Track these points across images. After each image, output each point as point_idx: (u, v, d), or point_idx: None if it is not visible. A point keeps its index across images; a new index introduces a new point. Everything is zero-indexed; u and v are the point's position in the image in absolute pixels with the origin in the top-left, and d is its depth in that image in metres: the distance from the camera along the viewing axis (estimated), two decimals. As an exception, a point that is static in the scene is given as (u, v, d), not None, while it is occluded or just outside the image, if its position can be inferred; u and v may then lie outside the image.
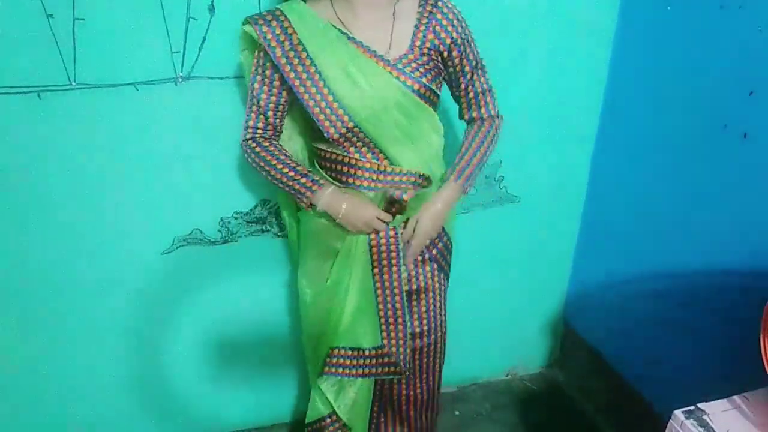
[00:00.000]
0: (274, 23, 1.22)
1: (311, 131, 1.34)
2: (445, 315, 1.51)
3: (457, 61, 1.31)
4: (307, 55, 1.21)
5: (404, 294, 1.38)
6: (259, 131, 1.32)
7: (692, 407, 1.08)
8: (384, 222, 1.32)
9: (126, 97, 1.42)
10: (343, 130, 1.24)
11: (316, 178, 1.30)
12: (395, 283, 1.37)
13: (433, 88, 1.28)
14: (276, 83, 1.27)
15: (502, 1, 1.58)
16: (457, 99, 1.39)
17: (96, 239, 1.56)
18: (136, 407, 1.83)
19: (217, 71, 1.45)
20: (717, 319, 1.49)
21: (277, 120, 1.32)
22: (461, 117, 1.42)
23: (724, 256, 1.46)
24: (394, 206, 1.32)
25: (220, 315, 1.78)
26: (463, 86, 1.35)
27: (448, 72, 1.33)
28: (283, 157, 1.31)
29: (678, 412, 1.07)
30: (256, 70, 1.27)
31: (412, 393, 1.55)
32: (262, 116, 1.30)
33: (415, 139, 1.30)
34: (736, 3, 1.34)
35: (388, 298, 1.38)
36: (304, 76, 1.22)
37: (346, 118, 1.22)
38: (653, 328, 1.74)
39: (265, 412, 2.00)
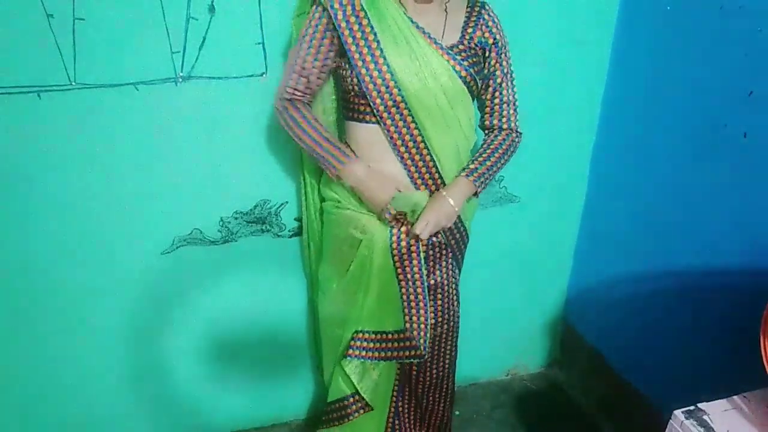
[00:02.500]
0: None
1: (346, 110, 1.37)
2: (458, 305, 1.57)
3: (493, 62, 1.37)
4: (368, 22, 1.23)
5: (426, 283, 1.43)
6: (298, 93, 1.34)
7: (692, 407, 1.08)
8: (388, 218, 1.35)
9: (126, 97, 1.42)
10: (390, 103, 1.27)
11: (347, 151, 1.33)
12: (416, 274, 1.42)
13: (477, 79, 1.33)
14: (324, 48, 1.28)
15: (502, 1, 1.58)
16: (482, 104, 1.43)
17: (96, 239, 1.56)
18: (135, 407, 1.83)
19: (217, 71, 1.45)
20: (717, 319, 1.49)
21: (316, 85, 1.35)
22: (481, 125, 1.46)
23: (724, 256, 1.46)
24: (401, 218, 1.36)
25: (219, 315, 1.78)
26: (491, 90, 1.40)
27: (483, 74, 1.38)
28: (317, 125, 1.33)
29: (678, 412, 1.07)
30: (306, 31, 1.28)
31: (428, 376, 1.61)
32: (303, 79, 1.32)
33: (451, 124, 1.33)
34: (736, 4, 1.34)
35: (410, 286, 1.43)
36: (362, 42, 1.24)
37: (395, 90, 1.25)
38: (653, 327, 1.74)
39: (266, 412, 2.00)
